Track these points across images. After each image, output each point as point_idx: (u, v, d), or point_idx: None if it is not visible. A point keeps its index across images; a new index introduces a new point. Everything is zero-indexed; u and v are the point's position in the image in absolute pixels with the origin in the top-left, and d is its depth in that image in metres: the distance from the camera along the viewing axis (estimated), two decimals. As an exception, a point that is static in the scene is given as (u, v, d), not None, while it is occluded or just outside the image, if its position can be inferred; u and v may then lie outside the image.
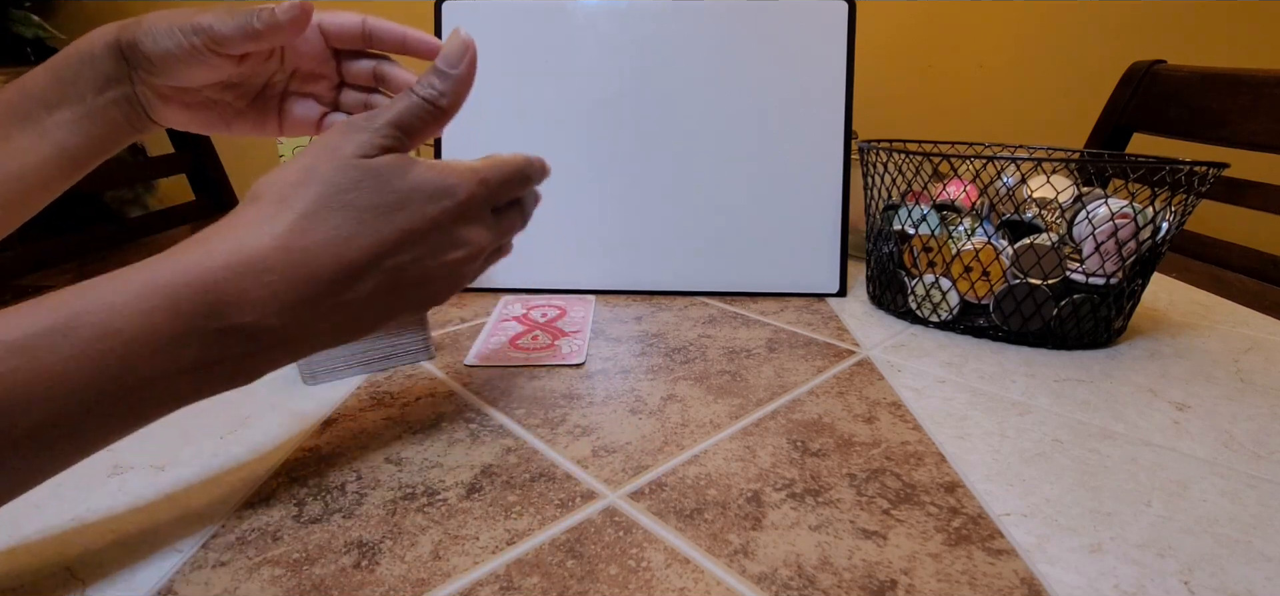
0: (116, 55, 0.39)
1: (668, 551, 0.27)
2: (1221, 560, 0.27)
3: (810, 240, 0.57)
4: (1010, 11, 1.40)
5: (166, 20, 0.37)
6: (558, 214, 0.57)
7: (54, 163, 0.41)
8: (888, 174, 0.51)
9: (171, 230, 0.80)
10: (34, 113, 0.39)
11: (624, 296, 0.57)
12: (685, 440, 0.35)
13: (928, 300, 0.50)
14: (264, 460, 0.33)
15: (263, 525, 0.28)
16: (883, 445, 0.35)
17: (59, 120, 0.40)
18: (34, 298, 0.24)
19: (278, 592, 0.25)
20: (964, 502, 0.30)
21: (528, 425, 0.36)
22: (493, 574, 0.26)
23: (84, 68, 0.39)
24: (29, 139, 0.39)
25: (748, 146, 0.56)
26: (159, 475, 0.32)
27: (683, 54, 0.56)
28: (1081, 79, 1.35)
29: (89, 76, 0.39)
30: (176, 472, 0.32)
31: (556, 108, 0.56)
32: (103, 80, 0.39)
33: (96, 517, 0.29)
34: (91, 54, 0.38)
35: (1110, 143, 0.97)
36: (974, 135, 0.76)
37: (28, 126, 0.39)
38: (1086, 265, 0.46)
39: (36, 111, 0.39)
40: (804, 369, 0.44)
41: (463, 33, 0.34)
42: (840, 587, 0.25)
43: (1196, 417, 0.38)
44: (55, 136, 0.40)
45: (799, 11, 0.55)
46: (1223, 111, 0.85)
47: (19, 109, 0.39)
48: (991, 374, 0.43)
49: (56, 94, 0.39)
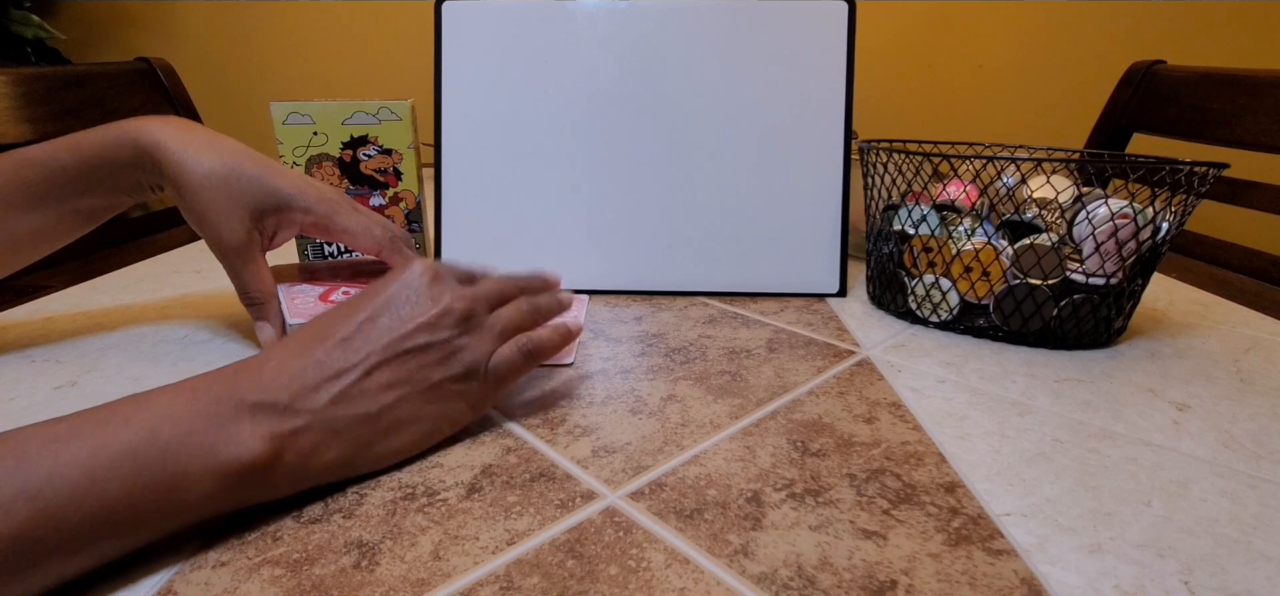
0: (153, 168, 0.40)
1: (668, 551, 0.27)
2: (1221, 560, 0.27)
3: (810, 240, 0.57)
4: (1010, 11, 1.40)
5: (219, 210, 0.40)
6: (557, 214, 0.57)
7: (72, 230, 0.44)
8: (888, 174, 0.51)
9: (171, 230, 0.80)
10: (59, 194, 0.42)
11: (624, 296, 0.57)
12: (685, 440, 0.35)
13: (928, 300, 0.50)
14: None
15: (263, 525, 0.28)
16: (883, 445, 0.35)
17: (83, 206, 0.43)
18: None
19: (278, 592, 0.25)
20: (964, 502, 0.30)
21: (528, 425, 0.36)
22: (493, 574, 0.26)
23: (122, 174, 0.40)
24: (53, 216, 0.42)
25: (748, 146, 0.56)
26: (159, 475, 0.32)
27: (682, 54, 0.56)
28: (1081, 79, 1.35)
29: (125, 182, 0.41)
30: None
31: (556, 108, 0.56)
32: (134, 185, 0.41)
33: (96, 517, 0.29)
34: (123, 162, 0.40)
35: (1110, 143, 0.97)
36: (974, 135, 0.76)
37: (52, 205, 0.42)
38: (1086, 265, 0.46)
39: (63, 194, 0.42)
40: (804, 369, 0.44)
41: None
42: (840, 587, 0.25)
43: (1196, 417, 0.38)
44: (80, 214, 0.43)
45: (799, 11, 0.55)
46: (1223, 111, 0.85)
47: (38, 189, 0.41)
48: (991, 374, 0.43)
49: (85, 184, 0.42)
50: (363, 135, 0.55)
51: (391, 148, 0.56)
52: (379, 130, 0.55)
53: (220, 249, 0.40)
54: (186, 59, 1.22)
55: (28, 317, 0.51)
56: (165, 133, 0.39)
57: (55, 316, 0.51)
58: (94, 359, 0.44)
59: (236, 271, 0.41)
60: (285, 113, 0.54)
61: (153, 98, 0.95)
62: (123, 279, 0.61)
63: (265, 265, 0.42)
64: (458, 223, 0.57)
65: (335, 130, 0.55)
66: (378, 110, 0.55)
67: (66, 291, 0.57)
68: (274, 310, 0.42)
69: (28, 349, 0.45)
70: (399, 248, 0.45)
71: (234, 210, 0.39)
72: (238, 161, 0.40)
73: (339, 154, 0.55)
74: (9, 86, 0.78)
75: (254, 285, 0.41)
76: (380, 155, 0.56)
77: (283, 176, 0.41)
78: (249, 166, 0.40)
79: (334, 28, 1.65)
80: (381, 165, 0.56)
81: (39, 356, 0.44)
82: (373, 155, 0.56)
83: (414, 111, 0.56)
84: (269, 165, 0.41)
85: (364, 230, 0.44)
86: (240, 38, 1.68)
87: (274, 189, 0.41)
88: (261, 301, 0.42)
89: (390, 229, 0.45)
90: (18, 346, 0.46)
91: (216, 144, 0.40)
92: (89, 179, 0.40)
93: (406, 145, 0.56)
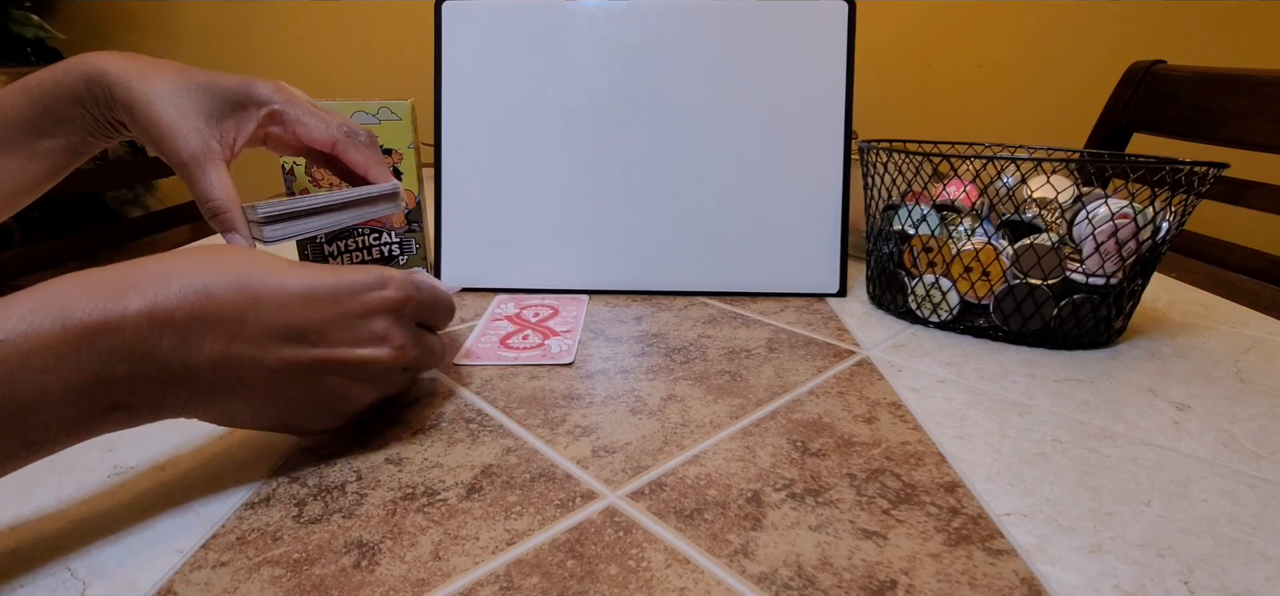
0: (105, 98, 0.39)
1: (668, 551, 0.27)
2: (1221, 560, 0.27)
3: (810, 240, 0.57)
4: (1010, 11, 1.40)
5: (171, 115, 0.39)
6: (557, 214, 0.57)
7: (45, 175, 0.43)
8: (888, 174, 0.51)
9: (171, 229, 0.80)
10: (20, 139, 0.40)
11: (624, 296, 0.57)
12: (685, 440, 0.35)
13: (928, 300, 0.50)
14: (264, 460, 0.33)
15: (263, 525, 0.28)
16: (883, 445, 0.35)
17: (44, 148, 0.41)
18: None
19: (278, 592, 0.25)
20: (964, 502, 0.30)
21: (528, 425, 0.36)
22: (493, 574, 0.26)
23: (77, 110, 0.40)
24: (17, 161, 0.41)
25: (748, 146, 0.56)
26: (159, 475, 0.32)
27: (682, 54, 0.56)
28: (1081, 79, 1.35)
29: (82, 118, 0.40)
30: (176, 472, 0.32)
31: (556, 108, 0.56)
32: (92, 122, 0.40)
33: (96, 517, 0.29)
34: (74, 95, 0.39)
35: (1110, 143, 0.97)
36: (974, 135, 0.76)
37: (9, 151, 0.41)
38: (1086, 265, 0.46)
39: (24, 138, 0.40)
40: (804, 369, 0.44)
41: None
42: (840, 587, 0.25)
43: (1197, 417, 0.38)
44: (47, 158, 0.42)
45: (799, 11, 0.55)
46: (1223, 111, 0.85)
47: (1, 137, 0.39)
48: (991, 374, 0.43)
49: (43, 124, 0.41)
50: (363, 135, 0.55)
51: (391, 147, 0.56)
52: (379, 130, 0.55)
53: (179, 161, 0.39)
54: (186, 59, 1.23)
55: (28, 317, 0.51)
56: (112, 60, 0.39)
57: (55, 316, 0.51)
58: (94, 359, 0.44)
59: (196, 182, 0.39)
60: (285, 113, 0.54)
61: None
62: (123, 279, 0.61)
63: (226, 173, 0.40)
64: (458, 223, 0.57)
65: (335, 130, 0.55)
66: (378, 110, 0.55)
67: (66, 291, 0.57)
68: (239, 217, 0.40)
69: (28, 349, 0.45)
70: (356, 144, 0.44)
71: (188, 120, 0.39)
72: (187, 74, 0.40)
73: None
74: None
75: (216, 192, 0.39)
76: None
77: (233, 77, 0.41)
78: (199, 77, 0.40)
79: (334, 28, 1.65)
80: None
81: (39, 356, 0.44)
82: (373, 155, 0.56)
83: (414, 111, 0.56)
84: (220, 75, 0.41)
85: (319, 121, 0.43)
86: (240, 38, 1.68)
87: (226, 89, 0.40)
88: (224, 208, 0.39)
89: (346, 123, 0.44)
90: (18, 346, 0.46)
91: (164, 64, 0.40)
92: (45, 118, 0.39)
93: (406, 145, 0.56)
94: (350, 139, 0.44)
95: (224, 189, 0.39)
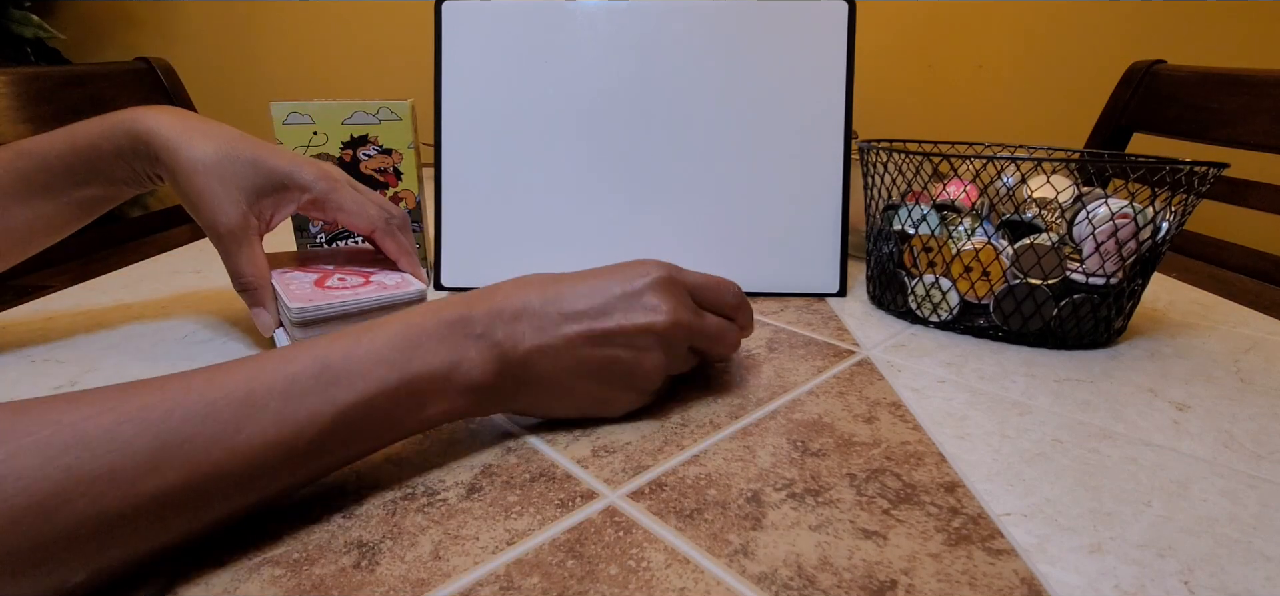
0: (149, 156, 0.40)
1: (668, 551, 0.27)
2: (1221, 560, 0.27)
3: (810, 240, 0.57)
4: (1010, 11, 1.40)
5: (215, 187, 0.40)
6: (558, 214, 0.57)
7: (74, 219, 0.44)
8: (888, 174, 0.51)
9: (171, 230, 0.80)
10: (57, 187, 0.41)
11: (624, 296, 0.57)
12: (685, 440, 0.35)
13: (928, 300, 0.50)
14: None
15: (263, 525, 0.28)
16: (883, 445, 0.35)
17: (81, 196, 0.42)
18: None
19: (278, 593, 0.25)
20: (964, 502, 0.30)
21: (528, 425, 0.36)
22: (493, 574, 0.26)
23: (118, 163, 0.40)
24: (52, 206, 0.42)
25: (747, 146, 0.56)
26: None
27: (682, 54, 0.56)
28: (1081, 79, 1.35)
29: (122, 171, 0.41)
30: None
31: (556, 108, 0.56)
32: (131, 174, 0.41)
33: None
34: (119, 151, 0.40)
35: (1110, 143, 0.97)
36: (974, 135, 0.76)
37: (50, 197, 0.42)
38: (1086, 265, 0.46)
39: (61, 186, 0.41)
40: (804, 369, 0.44)
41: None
42: (840, 587, 0.25)
43: (1197, 417, 0.38)
44: (81, 206, 0.43)
45: (799, 11, 0.55)
46: (1223, 111, 0.85)
47: (35, 181, 0.41)
48: (991, 374, 0.43)
49: (82, 174, 0.42)
50: (363, 135, 0.55)
51: (391, 147, 0.56)
52: (379, 130, 0.55)
53: (215, 233, 0.40)
54: (186, 59, 1.22)
55: (28, 317, 0.51)
56: (160, 120, 0.39)
57: (55, 316, 0.51)
58: (94, 359, 0.44)
59: (230, 255, 0.41)
60: (285, 113, 0.54)
61: (152, 98, 0.95)
62: (123, 279, 0.61)
63: (260, 250, 0.42)
64: (458, 222, 0.57)
65: (335, 130, 0.55)
66: (378, 110, 0.55)
67: (66, 291, 0.57)
68: (268, 296, 0.42)
69: (28, 349, 0.45)
70: (392, 231, 0.45)
71: (229, 193, 0.39)
72: (233, 145, 0.40)
73: (339, 154, 0.55)
74: (9, 86, 0.78)
75: (248, 269, 0.41)
76: (380, 155, 0.56)
77: (279, 156, 0.41)
78: (245, 150, 0.40)
79: (334, 28, 1.65)
80: (381, 165, 0.56)
81: (39, 356, 0.44)
82: (373, 155, 0.56)
83: (414, 111, 0.56)
84: (264, 147, 0.41)
85: (359, 209, 0.43)
86: (240, 38, 1.68)
87: (270, 169, 0.41)
88: (254, 286, 0.41)
89: (386, 209, 0.45)
90: (18, 346, 0.46)
91: (211, 129, 0.40)
92: (86, 169, 0.40)
93: (406, 145, 0.56)
94: (389, 228, 0.45)
95: (255, 268, 0.41)
